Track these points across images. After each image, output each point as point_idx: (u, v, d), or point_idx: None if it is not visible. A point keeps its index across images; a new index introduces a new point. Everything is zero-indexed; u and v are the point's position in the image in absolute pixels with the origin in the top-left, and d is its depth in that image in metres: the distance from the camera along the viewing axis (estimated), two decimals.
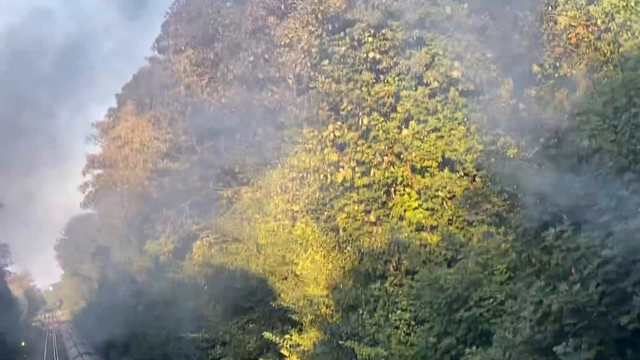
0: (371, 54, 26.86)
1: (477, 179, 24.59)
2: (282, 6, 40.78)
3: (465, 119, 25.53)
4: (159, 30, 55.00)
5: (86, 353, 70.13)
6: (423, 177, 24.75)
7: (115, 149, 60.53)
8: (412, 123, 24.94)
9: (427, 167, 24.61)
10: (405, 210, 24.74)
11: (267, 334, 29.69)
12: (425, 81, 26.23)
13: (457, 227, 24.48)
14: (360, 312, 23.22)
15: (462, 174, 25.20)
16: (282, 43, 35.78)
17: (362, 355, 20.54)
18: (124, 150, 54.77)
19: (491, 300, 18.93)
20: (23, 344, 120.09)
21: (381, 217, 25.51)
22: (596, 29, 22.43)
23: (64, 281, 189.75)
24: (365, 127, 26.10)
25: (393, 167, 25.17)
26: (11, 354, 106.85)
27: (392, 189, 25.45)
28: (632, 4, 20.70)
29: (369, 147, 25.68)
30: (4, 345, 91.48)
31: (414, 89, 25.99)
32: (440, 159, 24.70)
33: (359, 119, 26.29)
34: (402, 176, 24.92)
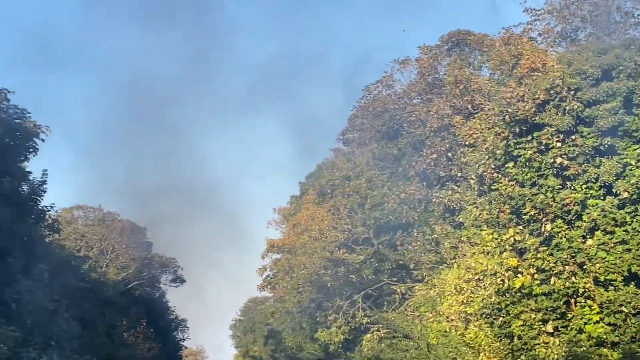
0: (558, 160, 26.44)
1: None
2: (469, 106, 41.01)
3: None
4: (345, 123, 56.62)
5: None
6: (606, 290, 23.79)
7: (294, 236, 61.90)
8: (597, 233, 24.16)
9: (611, 280, 23.66)
10: (585, 324, 23.81)
11: None
12: (614, 191, 25.44)
13: None
14: None
15: None
16: (467, 143, 35.88)
17: None
18: (303, 237, 55.85)
19: None
20: None
21: (559, 328, 24.63)
22: None
23: None
24: (547, 234, 25.53)
25: (575, 277, 24.38)
26: None
27: (572, 300, 24.62)
28: None
29: (551, 254, 25.06)
30: None
31: (602, 198, 25.26)
32: (626, 273, 23.68)
33: (541, 225, 25.78)
34: (584, 287, 24.06)
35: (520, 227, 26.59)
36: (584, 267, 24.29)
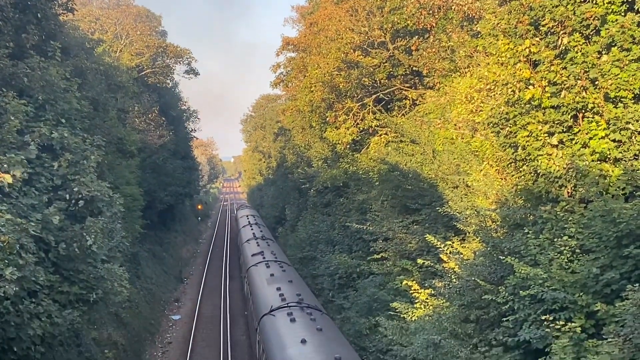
0: None
1: None
2: None
3: None
4: None
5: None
6: (615, 106, 23.71)
7: (310, 35, 61.52)
8: (614, 50, 23.77)
9: (621, 97, 23.54)
10: (590, 138, 23.91)
11: (429, 237, 30.05)
12: (636, 8, 24.88)
13: None
14: (526, 231, 23.05)
15: None
16: None
17: (520, 273, 20.50)
18: (319, 37, 55.51)
19: None
20: (199, 207, 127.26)
21: (564, 141, 24.81)
22: None
23: (245, 155, 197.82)
24: (563, 48, 25.21)
25: (585, 92, 24.23)
26: (188, 214, 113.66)
27: (580, 115, 24.59)
28: None
29: (564, 68, 24.80)
30: (182, 205, 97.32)
31: (622, 14, 24.74)
32: (637, 91, 23.56)
33: (558, 38, 25.37)
34: (593, 103, 23.98)
35: (537, 39, 26.17)
36: (596, 82, 24.04)
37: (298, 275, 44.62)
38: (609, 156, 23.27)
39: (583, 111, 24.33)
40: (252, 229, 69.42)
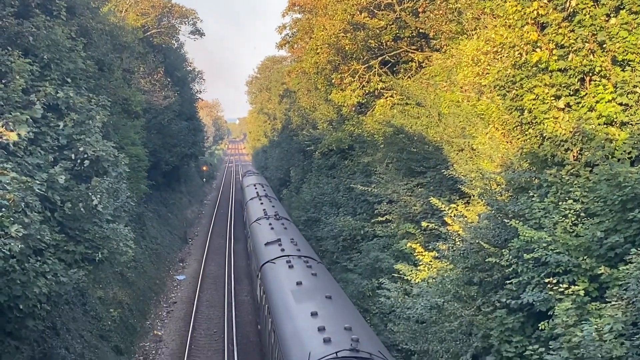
0: None
1: None
2: None
3: None
4: None
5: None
6: (623, 70, 23.55)
7: None
8: (622, 12, 23.55)
9: (629, 60, 23.36)
10: (597, 102, 23.77)
11: (434, 200, 30.04)
12: None
13: None
14: (531, 194, 23.02)
15: None
16: None
17: (524, 236, 20.51)
18: None
19: None
20: (204, 168, 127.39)
21: (570, 105, 24.69)
22: None
23: (250, 117, 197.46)
24: (572, 10, 24.98)
25: (593, 55, 24.05)
26: (193, 176, 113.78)
27: (587, 78, 24.42)
28: None
29: (572, 31, 24.59)
30: (187, 166, 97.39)
31: None
32: None
33: (566, 0, 25.17)
34: (600, 66, 23.81)
35: (545, 1, 25.92)
36: (604, 45, 23.82)
37: (336, 283, 32.64)
38: (615, 120, 23.15)
39: (590, 74, 24.16)
40: (261, 203, 60.97)
